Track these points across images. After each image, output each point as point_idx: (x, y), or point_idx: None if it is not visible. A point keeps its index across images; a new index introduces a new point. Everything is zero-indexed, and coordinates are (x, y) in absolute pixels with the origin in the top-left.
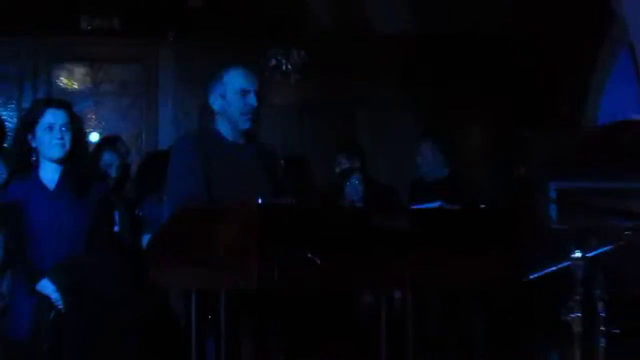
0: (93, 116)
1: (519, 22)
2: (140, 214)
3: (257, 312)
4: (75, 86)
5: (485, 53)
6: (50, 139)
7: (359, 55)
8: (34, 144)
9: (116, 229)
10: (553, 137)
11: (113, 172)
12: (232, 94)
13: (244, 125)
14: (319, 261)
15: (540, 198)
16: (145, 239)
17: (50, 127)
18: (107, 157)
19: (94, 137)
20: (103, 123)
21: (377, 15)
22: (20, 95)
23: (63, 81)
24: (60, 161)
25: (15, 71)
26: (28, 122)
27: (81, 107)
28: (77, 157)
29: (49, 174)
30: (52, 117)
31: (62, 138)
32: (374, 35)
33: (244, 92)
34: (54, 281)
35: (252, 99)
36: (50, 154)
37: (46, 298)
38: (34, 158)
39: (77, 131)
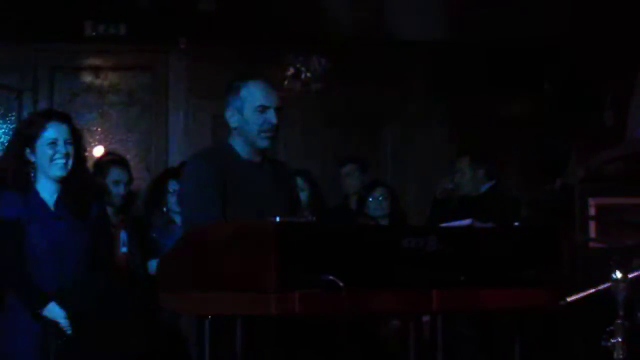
0: (98, 129)
1: (560, 32)
2: (154, 235)
3: (277, 339)
4: (78, 97)
5: (524, 63)
6: (52, 155)
7: (385, 63)
8: (32, 159)
9: (124, 250)
10: (593, 151)
11: (121, 190)
12: (250, 110)
13: (262, 143)
14: (341, 284)
15: (578, 214)
16: (152, 265)
17: (54, 143)
18: (116, 174)
19: (99, 151)
20: (109, 136)
21: (404, 20)
22: (19, 106)
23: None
24: (61, 179)
25: (14, 81)
26: (28, 136)
27: (85, 119)
28: (77, 174)
29: (48, 192)
30: (55, 132)
31: (66, 155)
32: (401, 41)
33: (263, 109)
34: (63, 306)
35: (271, 116)
36: (52, 172)
37: (54, 323)
38: (32, 174)
39: (79, 147)
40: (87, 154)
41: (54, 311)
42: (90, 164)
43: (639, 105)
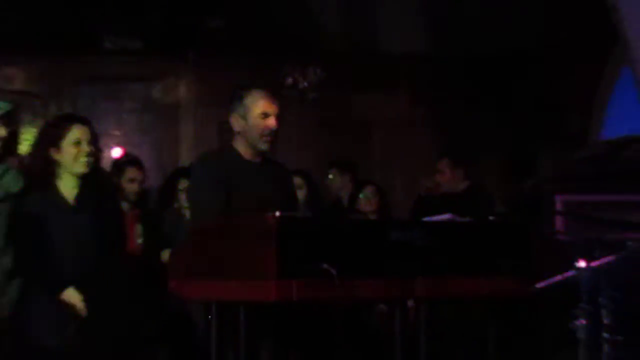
0: (117, 133)
1: (530, 45)
2: (166, 228)
3: (276, 322)
4: (99, 104)
5: (499, 72)
6: (77, 154)
7: (374, 73)
8: (57, 158)
9: (139, 241)
10: (560, 153)
11: (134, 187)
12: (253, 116)
13: (263, 146)
14: (335, 272)
15: (547, 210)
16: (165, 255)
17: (78, 142)
18: (131, 172)
19: (117, 152)
20: (126, 139)
21: (391, 35)
22: (46, 112)
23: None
24: (82, 176)
25: (41, 89)
26: (53, 137)
27: (105, 124)
28: (94, 172)
29: (68, 188)
30: (80, 133)
31: (89, 153)
32: (388, 54)
33: (265, 115)
34: (80, 291)
35: (272, 122)
36: (76, 169)
37: (72, 306)
38: (55, 172)
39: (96, 147)
40: (102, 154)
41: (71, 295)
42: (109, 164)
43: (602, 112)
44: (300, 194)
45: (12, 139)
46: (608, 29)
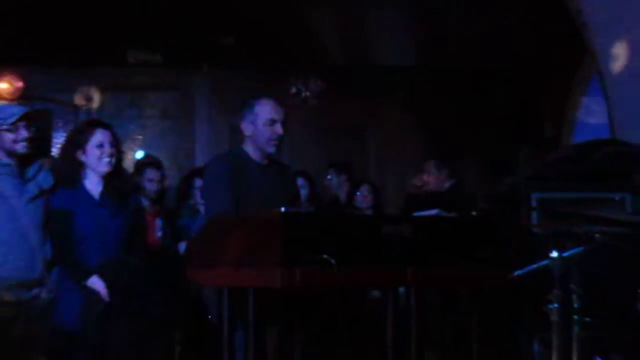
0: (139, 137)
1: (509, 58)
2: (183, 223)
3: (281, 307)
4: (123, 111)
5: (480, 82)
6: (100, 155)
7: (369, 83)
8: (83, 159)
9: (159, 234)
10: (536, 155)
11: (153, 186)
12: (262, 122)
13: (270, 149)
14: (333, 262)
15: (523, 206)
16: (181, 246)
17: (101, 145)
18: (150, 173)
19: (139, 154)
20: (147, 143)
21: (383, 48)
22: (76, 119)
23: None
24: (105, 175)
25: (71, 98)
26: (79, 141)
27: (128, 129)
28: (117, 171)
29: (94, 185)
30: (102, 136)
31: (111, 155)
32: (381, 65)
33: (272, 122)
34: (103, 278)
35: (278, 128)
36: (100, 169)
37: (95, 293)
38: (81, 172)
39: (118, 149)
40: (125, 155)
41: (96, 282)
42: (131, 165)
43: (573, 120)
44: (302, 193)
45: (45, 141)
46: (579, 43)
